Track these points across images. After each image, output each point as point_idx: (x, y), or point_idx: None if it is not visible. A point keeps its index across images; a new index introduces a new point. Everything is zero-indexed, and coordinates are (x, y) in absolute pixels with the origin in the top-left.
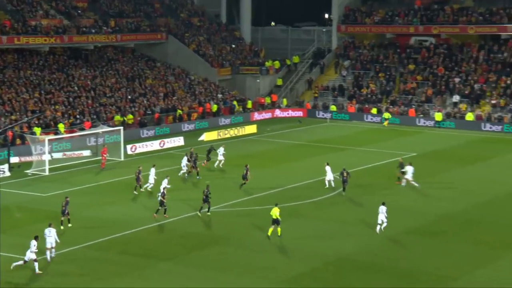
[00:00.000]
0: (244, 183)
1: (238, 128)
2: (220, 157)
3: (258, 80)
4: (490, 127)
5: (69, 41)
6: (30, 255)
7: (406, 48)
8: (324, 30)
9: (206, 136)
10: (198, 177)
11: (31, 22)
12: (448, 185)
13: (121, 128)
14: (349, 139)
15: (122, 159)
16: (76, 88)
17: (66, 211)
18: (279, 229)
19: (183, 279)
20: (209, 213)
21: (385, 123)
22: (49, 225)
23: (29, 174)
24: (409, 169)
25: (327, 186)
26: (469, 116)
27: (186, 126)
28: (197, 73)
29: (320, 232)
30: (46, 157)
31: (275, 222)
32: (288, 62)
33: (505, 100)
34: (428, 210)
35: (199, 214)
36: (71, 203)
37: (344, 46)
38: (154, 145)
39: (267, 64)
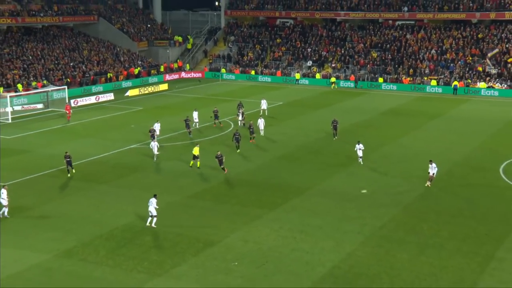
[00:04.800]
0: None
1: (154, 86)
2: (264, 107)
3: (168, 51)
4: (332, 83)
5: (22, 21)
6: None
7: (273, 27)
8: (215, 13)
9: (130, 92)
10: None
11: None
12: (303, 124)
13: (66, 87)
14: (235, 93)
15: None
16: (29, 57)
17: (71, 162)
18: (198, 162)
19: (115, 197)
20: (238, 151)
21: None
22: (3, 187)
23: None
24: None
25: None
26: (318, 76)
27: (115, 85)
28: (122, 46)
29: (214, 162)
30: (9, 109)
31: (195, 157)
32: (190, 40)
33: (340, 64)
34: (289, 142)
35: (238, 151)
36: (30, 143)
37: (230, 25)
38: (92, 100)
39: (175, 38)
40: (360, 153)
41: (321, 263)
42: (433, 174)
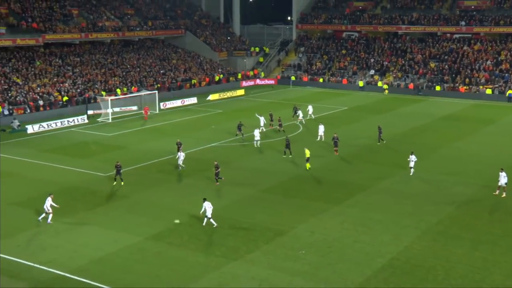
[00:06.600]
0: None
1: (232, 91)
2: (310, 112)
3: (245, 60)
4: (392, 90)
5: (123, 35)
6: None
7: (340, 39)
8: (287, 27)
9: (211, 97)
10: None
11: (99, 23)
12: (365, 127)
13: (156, 91)
14: (304, 98)
15: (157, 112)
16: (127, 66)
17: (120, 172)
18: (307, 164)
19: (197, 189)
20: (291, 156)
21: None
22: (49, 195)
23: (99, 121)
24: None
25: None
26: (380, 83)
27: (198, 90)
28: (205, 56)
29: (285, 160)
30: (109, 111)
31: (307, 160)
32: (266, 50)
33: (401, 73)
34: (353, 143)
35: (284, 156)
36: (126, 140)
37: (300, 38)
38: (178, 103)
39: (251, 49)
40: (411, 164)
41: (381, 254)
42: (505, 183)
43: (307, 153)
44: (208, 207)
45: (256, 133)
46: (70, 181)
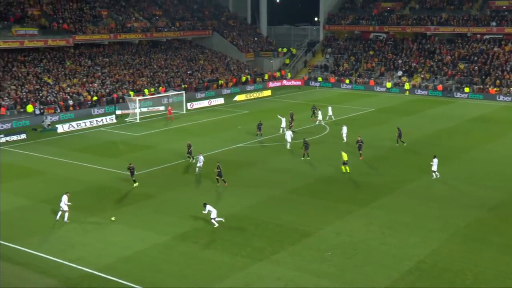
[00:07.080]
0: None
1: (258, 92)
2: (330, 113)
3: (271, 61)
4: (420, 92)
5: (151, 36)
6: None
7: (367, 40)
8: (314, 28)
9: (238, 97)
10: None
11: (127, 24)
12: (392, 128)
13: (183, 92)
14: (331, 99)
15: (184, 112)
16: (155, 66)
17: (134, 175)
18: (347, 167)
19: (223, 189)
20: (308, 158)
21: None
22: (65, 193)
23: (127, 121)
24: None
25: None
26: (407, 85)
27: (225, 91)
28: (232, 56)
29: (310, 161)
30: (137, 111)
31: (344, 163)
32: (293, 50)
33: (429, 75)
34: (379, 144)
35: (302, 159)
36: (153, 140)
37: (327, 38)
38: (205, 103)
39: (278, 50)
40: (434, 168)
41: (408, 257)
42: None
43: (345, 156)
44: (211, 209)
45: (288, 135)
46: (98, 180)
